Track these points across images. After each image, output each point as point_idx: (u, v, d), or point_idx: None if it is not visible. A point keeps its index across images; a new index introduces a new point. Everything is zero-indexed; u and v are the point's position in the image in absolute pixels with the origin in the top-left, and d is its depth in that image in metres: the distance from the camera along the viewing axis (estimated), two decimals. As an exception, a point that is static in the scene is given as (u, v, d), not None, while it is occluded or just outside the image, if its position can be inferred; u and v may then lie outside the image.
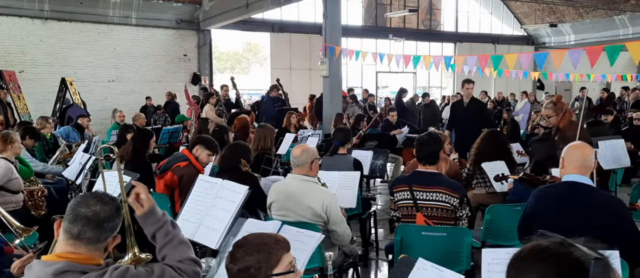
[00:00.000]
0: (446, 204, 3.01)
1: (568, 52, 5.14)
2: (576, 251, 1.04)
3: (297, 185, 2.93)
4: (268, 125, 5.22)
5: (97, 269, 1.49)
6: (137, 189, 1.77)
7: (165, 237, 1.72)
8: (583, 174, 2.48)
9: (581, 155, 2.50)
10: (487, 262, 1.86)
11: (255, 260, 1.45)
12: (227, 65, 39.35)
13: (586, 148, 2.53)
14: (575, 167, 2.49)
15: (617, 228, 2.38)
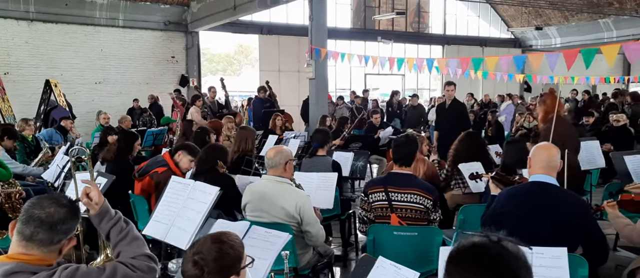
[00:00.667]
0: (420, 206, 3.06)
1: (545, 55, 5.22)
2: (508, 245, 1.09)
3: (271, 186, 2.96)
4: (249, 127, 5.24)
5: (47, 269, 1.51)
6: (87, 189, 1.78)
7: (119, 234, 1.74)
8: (549, 174, 2.54)
9: (547, 155, 2.56)
10: (443, 259, 1.90)
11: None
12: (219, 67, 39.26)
13: (552, 149, 2.59)
14: (541, 167, 2.55)
15: (580, 228, 2.45)
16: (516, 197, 2.59)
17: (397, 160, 3.17)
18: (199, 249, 1.48)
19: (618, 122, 7.44)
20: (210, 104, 9.62)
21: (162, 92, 12.91)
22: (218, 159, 3.39)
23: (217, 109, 9.71)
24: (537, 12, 18.39)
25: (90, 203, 1.77)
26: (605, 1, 15.95)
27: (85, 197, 1.77)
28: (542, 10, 18.00)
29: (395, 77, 19.10)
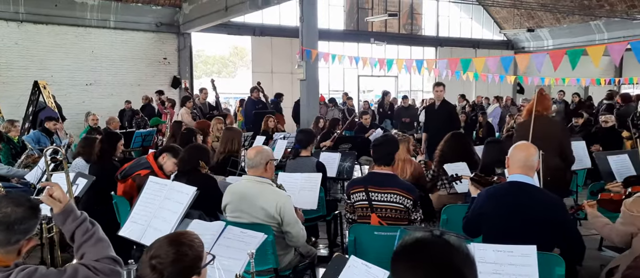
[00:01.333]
0: (400, 205, 3.06)
1: (532, 56, 5.24)
2: (450, 237, 1.09)
3: (251, 186, 2.94)
4: (235, 127, 5.23)
5: (2, 270, 1.48)
6: (51, 189, 1.75)
7: (83, 236, 1.72)
8: (526, 174, 2.54)
9: (525, 155, 2.56)
10: None
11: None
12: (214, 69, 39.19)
13: (530, 149, 2.59)
14: (519, 167, 2.56)
15: (557, 227, 2.45)
16: (495, 198, 2.59)
17: (376, 160, 3.17)
18: (156, 253, 1.45)
19: (606, 123, 7.47)
20: (201, 105, 9.58)
21: (152, 93, 12.85)
22: (200, 160, 3.36)
23: (208, 110, 9.67)
24: (529, 14, 18.48)
25: (54, 202, 1.74)
26: (596, 3, 16.06)
27: (48, 197, 1.74)
28: (534, 13, 18.09)
29: (389, 79, 19.14)
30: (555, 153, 4.00)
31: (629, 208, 2.51)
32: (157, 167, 3.77)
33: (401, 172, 4.44)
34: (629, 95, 9.52)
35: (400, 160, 4.47)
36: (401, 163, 4.45)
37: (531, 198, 2.48)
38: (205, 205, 3.21)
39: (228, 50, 35.22)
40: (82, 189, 3.40)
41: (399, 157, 4.48)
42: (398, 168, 4.48)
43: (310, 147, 4.47)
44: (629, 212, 2.50)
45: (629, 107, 9.25)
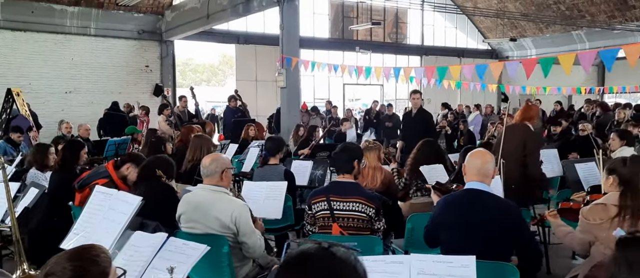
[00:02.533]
0: (362, 214, 2.98)
1: (505, 64, 5.24)
2: (339, 250, 1.03)
3: (205, 195, 2.85)
4: (205, 135, 5.13)
5: None
6: None
7: None
8: (482, 181, 2.49)
9: (480, 162, 2.51)
10: None
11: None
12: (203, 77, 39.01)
13: (486, 156, 2.54)
14: (474, 174, 2.51)
15: (512, 235, 2.40)
16: (451, 205, 2.54)
17: (338, 169, 3.10)
18: (51, 270, 1.35)
19: (584, 132, 7.50)
20: (180, 113, 9.45)
21: (135, 101, 12.68)
22: (158, 168, 3.26)
23: (188, 118, 9.55)
24: (512, 24, 18.68)
25: None
26: (578, 14, 16.28)
27: None
28: (517, 22, 18.29)
29: (374, 87, 19.18)
30: (522, 162, 3.98)
31: (585, 217, 2.47)
32: (117, 176, 3.65)
33: (371, 180, 4.38)
34: (607, 105, 9.61)
35: (370, 167, 4.42)
36: (371, 171, 4.40)
37: (486, 206, 2.43)
38: (163, 215, 3.10)
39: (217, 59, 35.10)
40: (32, 200, 3.27)
41: (370, 165, 4.44)
42: (368, 176, 4.43)
43: (279, 155, 4.39)
44: (586, 221, 2.45)
45: (606, 116, 9.32)
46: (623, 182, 2.43)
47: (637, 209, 2.36)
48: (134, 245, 2.14)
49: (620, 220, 2.36)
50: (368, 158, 4.41)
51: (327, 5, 17.02)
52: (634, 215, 2.35)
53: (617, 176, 2.46)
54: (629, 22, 14.86)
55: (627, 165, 2.46)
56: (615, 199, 2.42)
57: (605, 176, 2.54)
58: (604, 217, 2.41)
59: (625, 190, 2.41)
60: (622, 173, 2.44)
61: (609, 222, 2.38)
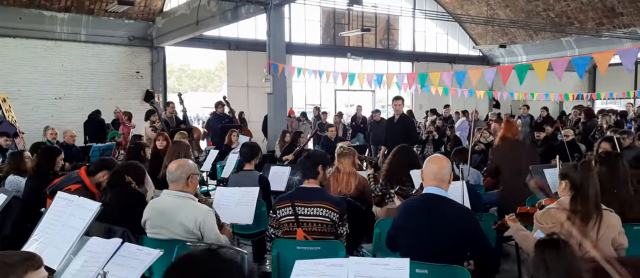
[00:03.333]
0: (326, 219, 3.02)
1: (484, 70, 5.30)
2: (226, 252, 1.07)
3: (170, 201, 2.87)
4: (183, 141, 5.16)
5: None
6: None
7: None
8: (439, 186, 2.54)
9: (437, 168, 2.56)
10: (296, 273, 1.86)
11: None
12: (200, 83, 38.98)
13: (442, 161, 2.59)
14: (431, 179, 2.56)
15: (467, 239, 2.44)
16: (409, 209, 2.58)
17: (303, 175, 3.15)
18: None
19: (567, 137, 7.57)
20: (167, 118, 9.49)
21: (125, 107, 12.67)
22: (127, 174, 3.28)
23: (175, 124, 9.57)
24: (503, 31, 18.82)
25: None
26: (567, 21, 16.43)
27: None
28: (508, 29, 18.43)
29: (366, 93, 19.24)
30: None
31: (539, 221, 2.51)
32: (91, 182, 3.67)
33: (346, 185, 4.41)
34: (592, 111, 9.70)
35: (345, 173, 4.45)
36: (346, 177, 4.42)
37: (442, 210, 2.47)
38: (131, 221, 3.13)
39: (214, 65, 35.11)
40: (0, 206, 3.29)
41: (344, 170, 4.48)
42: (343, 181, 4.45)
43: (254, 161, 4.42)
44: (539, 224, 2.49)
45: (592, 122, 9.40)
46: (574, 186, 2.48)
47: (587, 214, 2.40)
48: (89, 251, 2.17)
49: (570, 224, 2.40)
50: (343, 163, 4.45)
51: (319, 12, 17.11)
52: (583, 220, 2.39)
53: (569, 181, 2.51)
54: (617, 29, 15.01)
55: (578, 170, 2.50)
56: (567, 204, 2.46)
57: (559, 181, 2.59)
58: (555, 222, 2.45)
59: (576, 195, 2.45)
60: (574, 178, 2.48)
61: (559, 227, 2.42)
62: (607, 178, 3.06)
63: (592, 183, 2.44)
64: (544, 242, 1.62)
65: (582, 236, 2.29)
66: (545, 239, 1.64)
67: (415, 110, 19.39)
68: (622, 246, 2.44)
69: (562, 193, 2.55)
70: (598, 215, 2.38)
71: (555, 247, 1.59)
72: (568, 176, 2.52)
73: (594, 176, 2.49)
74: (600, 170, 3.12)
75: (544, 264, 1.56)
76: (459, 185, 3.25)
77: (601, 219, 2.38)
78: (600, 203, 2.44)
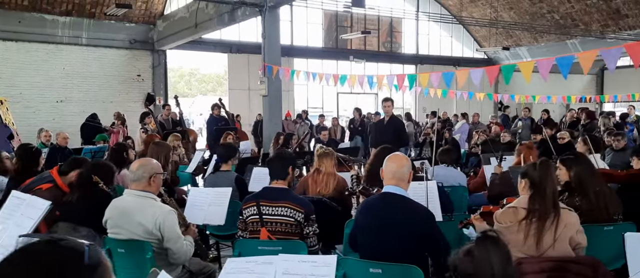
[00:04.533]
0: (290, 219, 2.97)
1: (470, 71, 5.22)
2: (68, 242, 1.02)
3: (131, 201, 2.85)
4: (163, 142, 5.14)
5: None
6: None
7: None
8: (397, 185, 2.49)
9: (396, 166, 2.51)
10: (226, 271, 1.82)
11: None
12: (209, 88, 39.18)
13: (402, 160, 2.54)
14: (390, 178, 2.51)
15: (424, 238, 2.38)
16: (367, 208, 2.54)
17: (271, 175, 3.10)
18: None
19: (562, 140, 7.44)
20: (164, 121, 9.51)
21: (126, 110, 12.76)
22: (95, 175, 3.26)
23: (172, 126, 9.60)
24: (507, 33, 18.65)
25: None
26: (572, 23, 16.24)
27: None
28: (513, 31, 18.26)
29: (369, 96, 19.16)
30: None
31: (498, 221, 2.44)
32: (63, 182, 3.66)
33: (325, 186, 4.36)
34: (592, 112, 9.53)
35: (325, 173, 4.40)
36: (325, 177, 4.38)
37: (399, 209, 2.42)
38: (97, 222, 3.11)
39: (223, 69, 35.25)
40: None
41: (326, 171, 4.43)
42: (323, 181, 4.40)
43: (231, 161, 4.39)
44: (498, 224, 2.43)
45: (592, 124, 9.24)
46: (533, 185, 2.41)
47: (544, 212, 2.33)
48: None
49: (528, 222, 2.34)
50: (325, 164, 4.41)
51: (321, 15, 17.11)
52: (541, 218, 2.33)
53: (528, 180, 2.44)
54: (622, 31, 14.78)
55: (537, 169, 2.44)
56: (525, 202, 2.39)
57: (519, 179, 2.52)
58: (513, 220, 2.39)
59: (534, 193, 2.39)
60: (532, 177, 2.42)
61: (517, 225, 2.36)
62: (585, 179, 2.98)
63: (549, 181, 2.38)
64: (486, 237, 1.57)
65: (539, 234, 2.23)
66: (487, 234, 1.59)
67: (418, 113, 19.32)
68: (581, 245, 2.37)
69: (522, 192, 2.49)
70: (556, 213, 2.32)
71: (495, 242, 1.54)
72: (527, 175, 2.45)
73: (553, 175, 2.43)
74: (577, 170, 3.04)
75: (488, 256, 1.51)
76: (429, 184, 3.18)
77: (559, 217, 2.31)
78: (558, 202, 2.38)
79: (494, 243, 1.52)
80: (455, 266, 1.52)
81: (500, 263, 1.47)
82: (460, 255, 1.53)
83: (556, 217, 2.30)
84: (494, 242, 1.52)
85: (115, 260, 2.87)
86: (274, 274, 1.74)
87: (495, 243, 1.52)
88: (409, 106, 20.51)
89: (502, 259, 1.48)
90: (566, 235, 2.30)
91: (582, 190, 2.89)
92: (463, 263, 1.50)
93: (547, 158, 2.66)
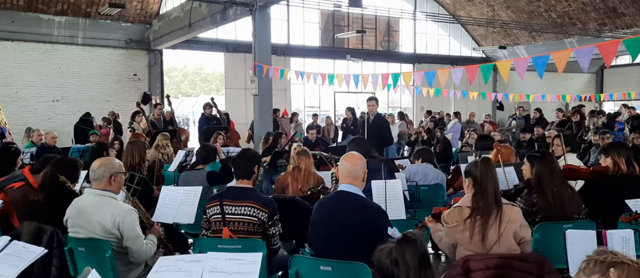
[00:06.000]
0: (253, 218, 2.98)
1: (451, 71, 5.22)
2: None
3: (90, 200, 2.87)
4: (139, 140, 5.17)
5: None
6: None
7: None
8: (352, 183, 2.51)
9: (350, 165, 2.53)
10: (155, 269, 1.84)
11: None
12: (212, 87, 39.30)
13: (356, 159, 2.55)
14: (345, 176, 2.53)
15: (373, 235, 2.39)
16: (322, 206, 2.57)
17: (236, 174, 3.12)
18: None
19: (550, 138, 7.42)
20: (155, 120, 9.56)
21: (122, 109, 12.83)
22: (61, 174, 3.29)
23: (163, 125, 9.64)
24: (505, 32, 18.58)
25: None
26: (569, 21, 16.15)
27: None
28: (510, 30, 18.19)
29: (366, 95, 19.11)
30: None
31: (446, 221, 2.45)
32: (34, 179, 3.70)
33: (305, 183, 4.37)
34: (582, 111, 9.50)
35: (305, 171, 4.41)
36: (306, 174, 4.39)
37: (352, 207, 2.44)
38: (60, 220, 3.13)
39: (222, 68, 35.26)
40: None
41: (306, 169, 4.44)
42: (304, 178, 4.41)
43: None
44: (446, 224, 2.43)
45: (581, 123, 9.21)
46: (475, 183, 2.42)
47: (487, 209, 2.34)
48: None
49: (472, 220, 2.34)
50: (304, 162, 4.42)
51: (318, 14, 17.10)
52: (484, 215, 2.33)
53: (471, 178, 2.45)
54: (619, 30, 14.70)
55: (478, 167, 2.44)
56: (469, 201, 2.40)
57: (464, 179, 2.52)
58: (459, 219, 2.39)
59: (477, 191, 2.39)
60: (475, 175, 2.43)
61: (462, 224, 2.36)
62: (543, 178, 2.98)
63: (490, 178, 2.39)
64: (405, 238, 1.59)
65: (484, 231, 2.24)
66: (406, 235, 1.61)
67: (416, 112, 19.30)
68: (525, 239, 2.37)
69: (466, 190, 2.49)
70: (498, 209, 2.32)
71: (411, 244, 1.55)
72: (470, 173, 2.46)
73: (493, 172, 2.44)
74: (537, 168, 3.04)
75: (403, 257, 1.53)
76: (393, 183, 3.19)
77: (502, 213, 2.32)
78: (500, 198, 2.39)
79: (411, 244, 1.54)
80: (378, 262, 1.54)
81: (414, 263, 1.49)
82: (382, 254, 1.54)
83: (499, 213, 2.31)
84: (411, 243, 1.54)
85: (77, 258, 2.89)
86: (201, 272, 1.76)
87: (412, 245, 1.54)
88: (408, 105, 20.50)
89: (418, 260, 1.50)
90: (510, 230, 2.31)
91: (539, 189, 2.89)
92: (382, 261, 1.52)
93: (487, 157, 2.66)
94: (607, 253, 1.32)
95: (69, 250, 2.90)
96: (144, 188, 4.52)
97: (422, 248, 1.56)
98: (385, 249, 1.56)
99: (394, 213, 3.10)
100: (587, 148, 6.82)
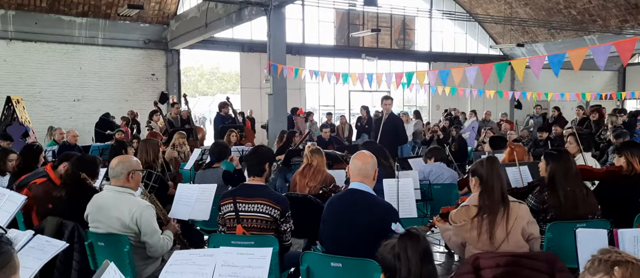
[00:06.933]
0: (266, 215, 3.04)
1: (465, 69, 5.20)
2: None
3: (109, 196, 2.96)
4: (153, 139, 5.27)
5: None
6: None
7: None
8: (363, 181, 2.54)
9: (361, 163, 2.56)
10: (170, 263, 1.91)
11: None
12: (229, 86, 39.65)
13: (366, 158, 2.58)
14: (356, 175, 2.57)
15: (383, 233, 2.41)
16: (332, 204, 2.61)
17: (249, 172, 3.18)
18: None
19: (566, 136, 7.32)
20: (172, 119, 9.72)
21: (141, 109, 13.07)
22: (82, 171, 3.40)
23: (180, 124, 9.79)
24: (523, 29, 18.32)
25: None
26: (589, 18, 15.85)
27: None
28: (529, 28, 17.93)
29: (381, 94, 19.06)
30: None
31: (453, 220, 2.46)
32: (56, 176, 3.82)
33: (312, 179, 4.42)
34: (602, 110, 9.34)
35: (316, 168, 4.46)
36: (315, 172, 4.43)
37: (362, 205, 2.48)
38: (81, 216, 3.24)
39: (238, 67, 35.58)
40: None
41: (317, 167, 4.49)
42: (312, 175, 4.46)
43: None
44: (454, 223, 2.45)
45: (601, 122, 9.05)
46: (482, 182, 2.43)
47: (494, 207, 2.35)
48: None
49: (480, 219, 2.35)
50: (316, 160, 4.47)
51: (333, 13, 17.12)
52: (491, 213, 2.34)
53: (477, 177, 2.46)
54: (641, 26, 14.37)
55: (484, 165, 2.45)
56: (476, 200, 2.41)
57: (470, 178, 2.53)
58: (466, 219, 2.40)
59: (483, 190, 2.40)
60: (481, 174, 2.43)
61: (470, 223, 2.38)
62: (557, 177, 2.97)
63: (496, 176, 2.40)
64: (407, 234, 1.63)
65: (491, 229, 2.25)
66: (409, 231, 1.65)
67: (431, 111, 19.18)
68: (533, 236, 2.38)
69: (473, 189, 2.50)
70: (505, 207, 2.33)
71: (414, 239, 1.59)
72: (476, 172, 2.47)
73: (499, 170, 2.44)
74: (552, 166, 3.03)
75: (405, 252, 1.57)
76: (405, 182, 3.22)
77: (509, 211, 2.32)
78: (507, 196, 2.39)
79: (413, 239, 1.57)
80: (381, 257, 1.58)
81: (416, 258, 1.52)
82: (385, 248, 1.58)
83: (506, 211, 2.32)
84: (413, 239, 1.57)
85: (96, 253, 3.00)
86: (214, 265, 1.82)
87: (414, 240, 1.57)
88: (424, 104, 20.39)
89: (420, 255, 1.53)
90: (518, 228, 2.32)
91: (552, 186, 2.88)
92: (385, 255, 1.56)
93: (494, 156, 2.67)
94: (611, 252, 1.34)
95: (89, 245, 3.00)
96: (160, 185, 4.62)
97: (425, 244, 1.59)
98: (389, 244, 1.60)
99: (405, 212, 3.13)
100: (605, 147, 6.70)
